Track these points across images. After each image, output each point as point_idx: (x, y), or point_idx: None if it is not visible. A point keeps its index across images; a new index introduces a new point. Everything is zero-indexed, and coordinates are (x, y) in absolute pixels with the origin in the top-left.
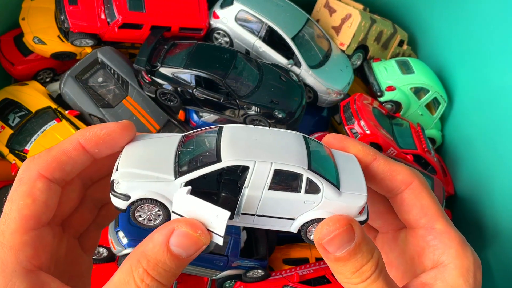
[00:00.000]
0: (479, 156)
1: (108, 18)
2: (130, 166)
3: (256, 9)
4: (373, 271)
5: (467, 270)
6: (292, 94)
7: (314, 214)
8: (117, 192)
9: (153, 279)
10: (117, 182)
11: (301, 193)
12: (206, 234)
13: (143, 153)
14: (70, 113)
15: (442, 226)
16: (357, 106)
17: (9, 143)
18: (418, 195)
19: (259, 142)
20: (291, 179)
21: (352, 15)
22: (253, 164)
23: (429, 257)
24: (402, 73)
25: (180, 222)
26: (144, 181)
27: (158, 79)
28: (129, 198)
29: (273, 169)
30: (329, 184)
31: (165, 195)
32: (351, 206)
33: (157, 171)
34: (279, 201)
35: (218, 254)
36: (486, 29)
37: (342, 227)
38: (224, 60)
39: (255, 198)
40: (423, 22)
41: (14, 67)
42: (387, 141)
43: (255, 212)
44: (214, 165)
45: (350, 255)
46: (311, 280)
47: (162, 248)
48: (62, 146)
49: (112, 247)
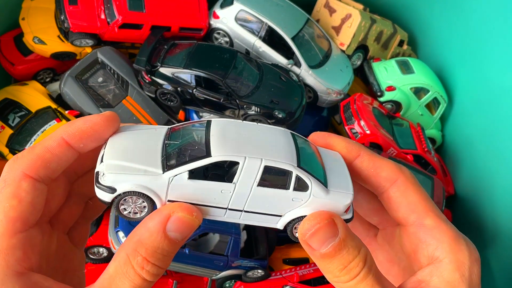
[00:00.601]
0: (479, 156)
1: (108, 18)
2: (116, 158)
3: (256, 9)
4: (361, 268)
5: (462, 264)
6: (292, 94)
7: (301, 212)
8: (102, 184)
9: (153, 265)
10: (103, 174)
11: (290, 190)
12: (200, 214)
13: (128, 145)
14: (70, 113)
15: (432, 222)
16: (357, 106)
17: (9, 143)
18: (404, 192)
19: (248, 138)
20: (280, 176)
21: (352, 15)
22: (243, 160)
23: (423, 253)
24: (402, 73)
25: (175, 207)
26: (130, 174)
27: (158, 79)
28: (115, 191)
29: (263, 165)
30: (317, 182)
31: (153, 188)
32: (337, 205)
33: (144, 164)
34: (267, 198)
35: (218, 254)
36: (486, 29)
37: (323, 221)
38: (224, 60)
39: (244, 194)
40: (423, 22)
41: (14, 67)
42: (387, 141)
43: (242, 208)
44: (204, 160)
45: (335, 251)
46: (311, 280)
47: (160, 235)
48: (45, 143)
49: (112, 247)
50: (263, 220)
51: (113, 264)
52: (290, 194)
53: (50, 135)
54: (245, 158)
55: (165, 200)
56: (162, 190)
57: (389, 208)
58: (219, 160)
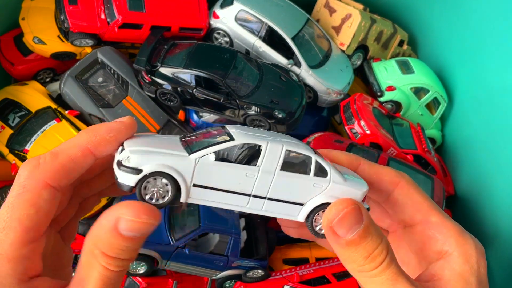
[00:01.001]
0: (479, 156)
1: (108, 18)
2: (138, 145)
3: (256, 9)
4: (385, 256)
5: (470, 256)
6: (292, 94)
7: (322, 199)
8: (127, 166)
9: (113, 258)
10: (127, 158)
11: (310, 176)
12: (153, 214)
13: (148, 139)
14: (70, 113)
15: (437, 219)
16: (357, 106)
17: (9, 143)
18: (407, 194)
19: (266, 133)
20: (300, 161)
21: (352, 15)
22: (266, 144)
23: (432, 249)
24: (402, 73)
25: (123, 209)
26: (157, 155)
27: (158, 79)
28: (140, 172)
29: (284, 149)
30: (335, 169)
31: (179, 169)
32: (356, 192)
33: (168, 149)
34: (290, 183)
35: (218, 254)
36: (486, 29)
37: (349, 206)
38: (224, 60)
39: (268, 179)
40: (423, 22)
41: (14, 67)
42: (387, 141)
43: (266, 195)
44: (228, 143)
45: (360, 238)
46: (311, 280)
47: (113, 234)
48: (70, 152)
49: None
50: (285, 211)
51: (82, 253)
52: (311, 179)
53: (73, 143)
54: (268, 142)
55: (190, 184)
56: (188, 172)
57: (395, 210)
58: (242, 143)
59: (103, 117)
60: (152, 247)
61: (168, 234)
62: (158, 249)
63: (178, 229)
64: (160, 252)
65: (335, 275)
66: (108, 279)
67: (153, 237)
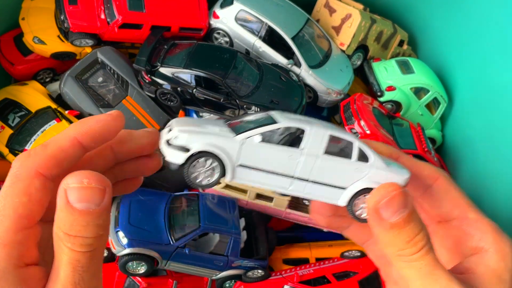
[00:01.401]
0: (479, 156)
1: (108, 18)
2: (186, 125)
3: (256, 9)
4: (425, 242)
5: (506, 254)
6: (292, 94)
7: (365, 183)
8: (176, 144)
9: (75, 237)
10: (175, 137)
11: (353, 160)
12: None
13: (196, 121)
14: (70, 113)
15: (475, 215)
16: (357, 106)
17: (9, 143)
18: (446, 188)
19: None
20: (343, 146)
21: (352, 15)
22: (310, 127)
23: (467, 245)
24: (402, 73)
25: (68, 179)
26: (205, 134)
27: (158, 79)
28: (189, 150)
29: (328, 134)
30: (377, 155)
31: (226, 149)
32: (399, 178)
33: (215, 130)
34: (333, 167)
35: (218, 254)
36: (486, 29)
37: (398, 189)
38: (224, 60)
39: (311, 161)
40: (423, 22)
41: (14, 67)
42: (387, 141)
43: (308, 177)
44: (273, 125)
45: (404, 222)
46: (311, 280)
47: (66, 210)
48: (59, 143)
49: (112, 247)
50: (326, 194)
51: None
52: (353, 164)
53: (62, 134)
54: (312, 126)
55: (235, 164)
56: (234, 152)
57: (432, 204)
58: (287, 126)
59: None
60: (152, 247)
61: (168, 234)
62: (158, 249)
63: (178, 229)
64: (160, 252)
65: (335, 275)
66: (77, 262)
67: (153, 237)
